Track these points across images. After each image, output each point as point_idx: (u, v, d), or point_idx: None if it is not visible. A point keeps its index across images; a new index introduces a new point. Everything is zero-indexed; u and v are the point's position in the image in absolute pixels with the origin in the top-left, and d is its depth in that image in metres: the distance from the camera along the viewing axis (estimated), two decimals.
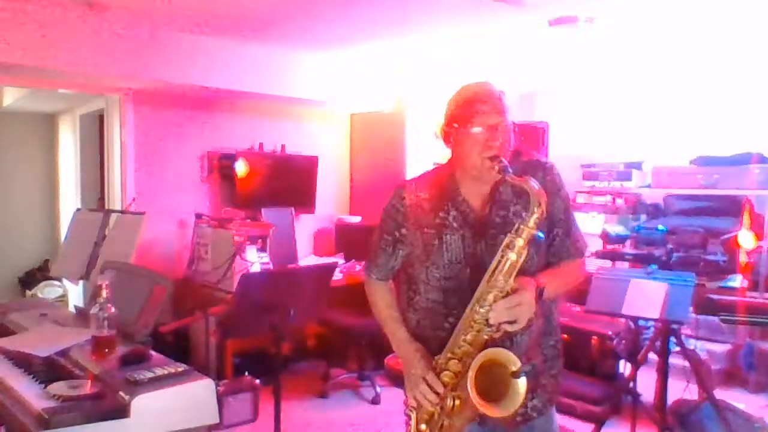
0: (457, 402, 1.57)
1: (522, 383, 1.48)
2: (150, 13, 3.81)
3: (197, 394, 1.75)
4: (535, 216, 1.52)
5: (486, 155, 1.60)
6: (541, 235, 1.55)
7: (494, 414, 1.51)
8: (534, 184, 1.53)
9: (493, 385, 1.51)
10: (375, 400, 4.27)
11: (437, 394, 1.59)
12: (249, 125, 5.19)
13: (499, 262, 1.53)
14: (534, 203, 1.52)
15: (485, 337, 1.55)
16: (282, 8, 3.68)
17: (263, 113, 5.27)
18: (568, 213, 1.75)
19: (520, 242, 1.52)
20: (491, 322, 1.52)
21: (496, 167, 1.57)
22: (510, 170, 1.56)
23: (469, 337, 1.57)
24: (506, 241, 1.54)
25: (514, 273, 1.53)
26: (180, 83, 4.33)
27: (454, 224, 1.69)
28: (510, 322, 1.51)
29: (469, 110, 1.63)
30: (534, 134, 5.35)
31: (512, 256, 1.52)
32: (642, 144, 5.32)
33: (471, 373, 1.51)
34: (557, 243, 1.73)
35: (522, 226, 1.52)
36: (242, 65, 4.55)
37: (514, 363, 1.49)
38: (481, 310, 1.54)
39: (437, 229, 1.70)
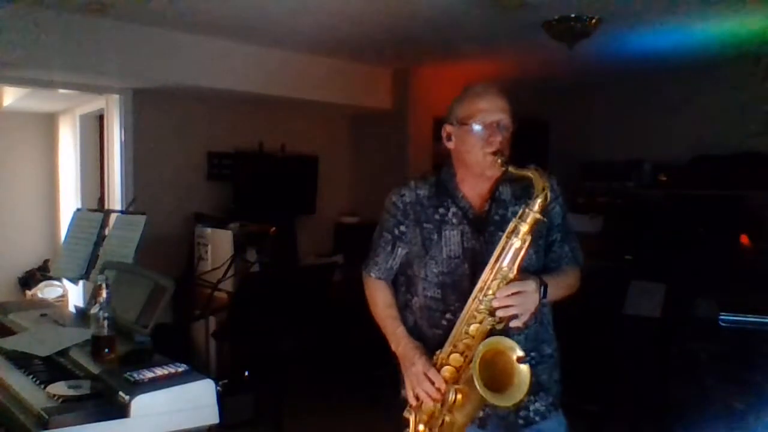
0: (459, 396, 1.57)
1: (527, 371, 1.47)
2: (150, 13, 3.80)
3: (197, 394, 1.75)
4: (540, 200, 1.53)
5: (488, 151, 1.63)
6: (545, 219, 1.56)
7: (500, 403, 1.50)
8: (537, 172, 1.55)
9: (496, 375, 1.50)
10: (375, 401, 4.27)
11: (438, 389, 1.59)
12: (249, 125, 5.19)
13: (503, 248, 1.54)
14: (537, 188, 1.54)
15: (488, 327, 1.55)
16: (283, 11, 3.68)
17: (263, 113, 5.27)
18: (566, 221, 1.78)
19: (524, 228, 1.53)
20: (498, 313, 1.52)
21: (499, 161, 1.60)
22: (512, 165, 1.59)
23: (471, 328, 1.57)
24: (510, 226, 1.55)
25: (518, 261, 1.53)
26: (180, 83, 4.33)
27: (454, 220, 1.71)
28: (513, 316, 1.51)
29: (470, 108, 1.67)
30: (534, 133, 5.34)
31: (516, 242, 1.53)
32: (642, 144, 5.32)
33: (475, 361, 1.51)
34: (556, 248, 1.75)
35: (527, 211, 1.53)
36: (242, 65, 4.55)
37: (517, 349, 1.49)
38: (485, 299, 1.54)
39: (436, 224, 1.72)
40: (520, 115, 1.70)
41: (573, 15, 3.65)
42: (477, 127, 1.65)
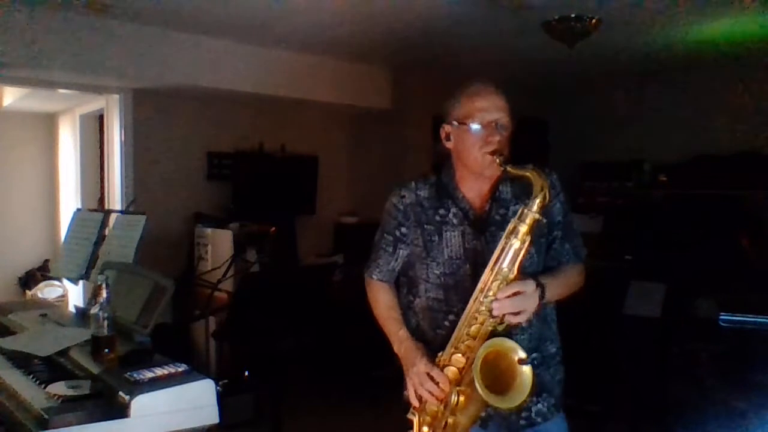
0: (462, 398, 1.56)
1: (529, 373, 1.47)
2: (150, 13, 3.81)
3: (197, 394, 1.75)
4: (538, 201, 1.51)
5: (486, 150, 1.61)
6: (544, 219, 1.54)
7: (502, 405, 1.49)
8: (536, 172, 1.54)
9: (498, 377, 1.50)
10: (375, 401, 4.28)
11: (442, 389, 1.58)
12: (249, 125, 5.19)
13: (503, 249, 1.53)
14: (536, 188, 1.52)
15: (489, 328, 1.54)
16: (283, 11, 3.68)
17: (263, 113, 5.27)
18: (568, 218, 1.76)
19: (523, 228, 1.52)
20: (494, 313, 1.52)
21: (497, 160, 1.59)
22: (511, 164, 1.58)
23: (473, 329, 1.56)
24: (510, 227, 1.54)
25: (518, 261, 1.52)
26: (180, 83, 4.33)
27: (454, 221, 1.70)
28: (513, 314, 1.51)
29: (468, 107, 1.65)
30: (534, 133, 5.35)
31: (516, 243, 1.52)
32: (642, 144, 5.32)
33: (476, 364, 1.50)
34: (556, 246, 1.74)
35: (526, 211, 1.52)
36: (242, 65, 4.55)
37: (519, 351, 1.48)
38: (485, 300, 1.54)
39: (437, 226, 1.71)
40: (520, 114, 1.69)
41: (573, 15, 3.65)
42: (475, 127, 1.63)
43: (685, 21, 3.86)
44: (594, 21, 3.69)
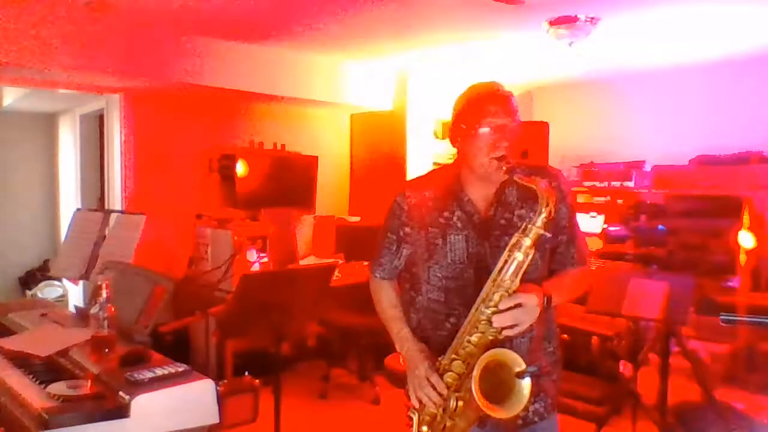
0: (460, 403, 1.57)
1: (526, 384, 1.47)
2: (150, 14, 3.80)
3: (197, 394, 1.75)
4: (543, 216, 1.50)
5: (493, 156, 1.60)
6: (548, 234, 1.53)
7: (498, 415, 1.49)
8: (542, 185, 1.53)
9: (496, 386, 1.50)
10: (375, 401, 4.27)
11: (441, 395, 1.58)
12: (249, 125, 5.19)
13: (506, 261, 1.52)
14: (542, 203, 1.51)
15: (490, 338, 1.54)
16: (282, 9, 3.68)
17: (263, 113, 5.27)
18: (573, 221, 1.74)
19: (527, 242, 1.51)
20: (494, 324, 1.51)
21: (504, 168, 1.57)
22: (518, 171, 1.56)
23: (474, 338, 1.56)
24: (513, 240, 1.53)
25: (521, 273, 1.52)
26: (180, 83, 4.33)
27: (459, 224, 1.68)
28: (511, 326, 1.50)
29: (477, 110, 1.63)
30: (534, 134, 5.33)
31: (519, 256, 1.51)
32: (642, 144, 5.32)
33: (475, 374, 1.50)
34: (561, 250, 1.73)
35: (530, 226, 1.51)
36: (242, 65, 4.55)
37: (519, 363, 1.48)
38: (487, 310, 1.53)
39: (441, 228, 1.69)
40: (520, 115, 1.68)
41: (573, 15, 3.65)
42: (484, 131, 1.61)
43: (686, 21, 3.86)
44: (594, 21, 3.70)
